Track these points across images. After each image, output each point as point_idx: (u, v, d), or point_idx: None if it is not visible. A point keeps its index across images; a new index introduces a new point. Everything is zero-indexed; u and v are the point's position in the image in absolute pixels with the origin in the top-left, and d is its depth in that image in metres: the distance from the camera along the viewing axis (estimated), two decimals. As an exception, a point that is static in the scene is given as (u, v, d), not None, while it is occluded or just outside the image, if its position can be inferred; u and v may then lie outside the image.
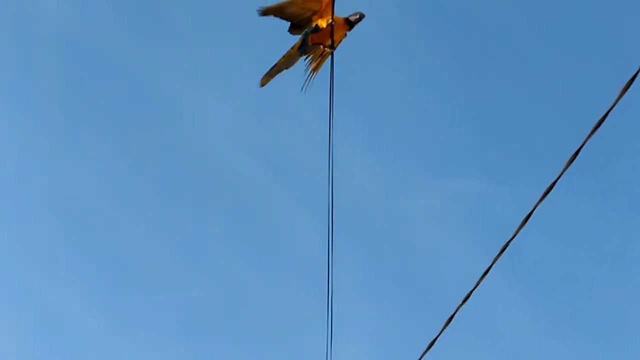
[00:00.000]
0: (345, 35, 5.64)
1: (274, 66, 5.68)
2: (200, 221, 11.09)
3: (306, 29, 5.67)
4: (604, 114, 3.43)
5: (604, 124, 3.41)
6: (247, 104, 9.89)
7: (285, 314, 10.77)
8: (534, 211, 3.61)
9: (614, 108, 3.36)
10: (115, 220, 11.20)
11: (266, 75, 5.73)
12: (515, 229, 3.77)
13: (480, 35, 11.14)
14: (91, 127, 11.24)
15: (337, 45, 5.62)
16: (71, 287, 11.01)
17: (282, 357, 10.64)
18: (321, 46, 5.65)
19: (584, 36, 11.30)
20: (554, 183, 3.48)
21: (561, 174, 3.42)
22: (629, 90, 3.35)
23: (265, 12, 5.64)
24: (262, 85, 5.74)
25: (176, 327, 10.96)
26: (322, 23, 5.61)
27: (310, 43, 5.67)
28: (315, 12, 5.62)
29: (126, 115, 11.18)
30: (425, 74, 10.88)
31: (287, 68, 5.73)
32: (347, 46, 5.74)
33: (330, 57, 5.55)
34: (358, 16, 5.61)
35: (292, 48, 5.67)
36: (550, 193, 3.66)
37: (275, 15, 5.67)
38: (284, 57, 5.69)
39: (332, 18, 5.53)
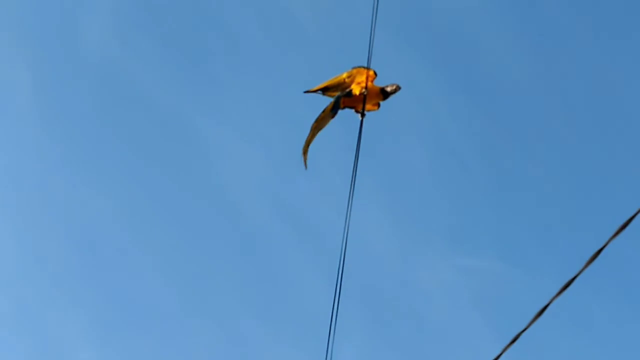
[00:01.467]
0: (379, 105, 5.71)
1: (309, 135, 5.77)
2: (211, 266, 11.07)
3: (340, 93, 5.74)
4: (630, 216, 3.42)
5: (628, 227, 3.40)
6: (275, 155, 9.90)
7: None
8: (547, 306, 3.57)
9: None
10: (127, 255, 11.21)
11: (304, 149, 5.83)
12: (528, 316, 3.73)
13: (515, 117, 11.17)
14: (117, 160, 11.31)
15: (370, 110, 5.68)
16: (73, 315, 11.01)
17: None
18: (355, 108, 5.73)
19: (622, 137, 11.30)
20: (572, 280, 3.45)
21: (580, 272, 3.40)
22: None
23: (312, 90, 5.86)
24: (305, 163, 5.87)
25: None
26: (356, 90, 5.68)
27: (342, 106, 5.73)
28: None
29: (156, 153, 11.25)
30: (455, 149, 10.90)
31: (320, 130, 5.80)
32: (380, 112, 5.79)
33: (360, 119, 5.62)
34: (395, 87, 5.67)
35: (323, 112, 5.73)
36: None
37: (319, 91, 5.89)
38: (316, 121, 5.75)
39: (366, 87, 5.60)
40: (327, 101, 5.88)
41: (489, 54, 11.09)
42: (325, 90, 5.88)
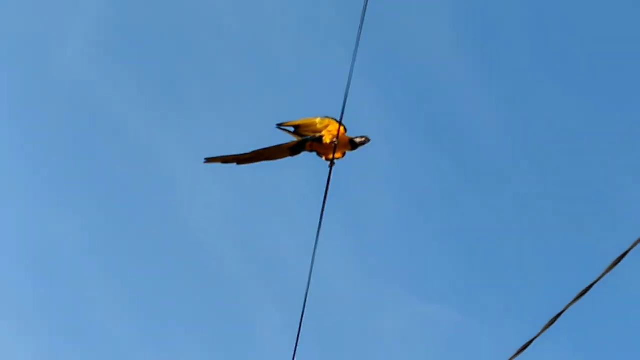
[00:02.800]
0: (345, 154, 5.70)
1: (242, 155, 5.71)
2: (170, 299, 10.99)
3: (309, 136, 5.74)
4: (590, 283, 3.45)
5: (587, 294, 3.42)
6: (242, 192, 9.88)
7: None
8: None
9: (599, 281, 3.38)
10: (86, 281, 11.11)
11: (225, 157, 5.75)
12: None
13: (486, 173, 11.24)
14: (80, 186, 11.24)
15: (337, 159, 5.66)
16: (24, 338, 10.89)
17: None
18: (322, 155, 5.71)
19: (586, 202, 11.39)
20: (529, 343, 3.46)
21: (537, 336, 3.41)
22: (617, 266, 3.37)
23: (283, 125, 5.81)
24: (207, 162, 5.78)
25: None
26: (327, 138, 5.67)
27: (307, 149, 5.73)
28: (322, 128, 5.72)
29: (121, 180, 11.18)
30: (421, 201, 10.94)
31: (267, 160, 5.76)
32: (351, 159, 5.80)
33: (330, 167, 5.59)
34: (364, 140, 5.67)
35: (279, 145, 5.71)
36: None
37: (289, 130, 5.83)
38: (266, 149, 5.71)
39: (337, 137, 5.60)
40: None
41: (464, 111, 11.17)
42: (296, 128, 5.85)
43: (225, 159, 5.76)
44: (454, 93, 11.17)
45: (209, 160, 5.79)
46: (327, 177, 5.53)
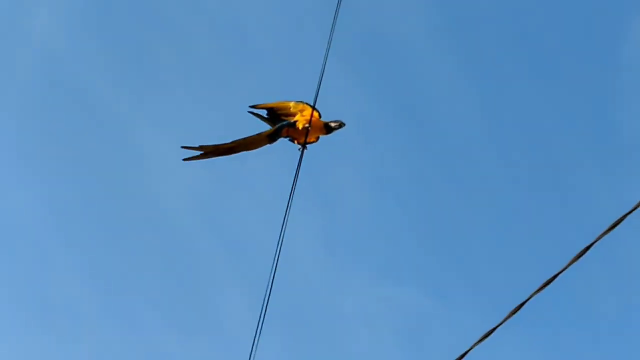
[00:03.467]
0: (318, 138, 5.73)
1: (221, 145, 5.70)
2: (136, 275, 10.98)
3: (283, 122, 5.75)
4: (554, 274, 3.51)
5: (552, 284, 3.48)
6: (212, 169, 9.89)
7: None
8: (469, 351, 3.63)
9: (564, 271, 3.43)
10: (49, 255, 11.07)
11: (205, 149, 5.74)
12: (447, 358, 3.79)
13: (458, 160, 11.31)
14: (49, 158, 11.18)
15: (310, 144, 5.68)
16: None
17: None
18: (295, 140, 5.72)
19: (558, 189, 11.49)
20: (492, 330, 3.52)
21: (500, 323, 3.46)
22: (582, 257, 3.43)
23: (255, 108, 5.80)
24: (186, 160, 5.76)
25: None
26: (300, 123, 5.69)
27: (283, 135, 5.74)
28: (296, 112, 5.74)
29: (90, 154, 11.13)
30: (393, 185, 10.99)
31: (246, 150, 5.77)
32: (325, 142, 5.82)
33: (300, 152, 5.60)
34: (338, 124, 5.71)
35: (257, 134, 5.72)
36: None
37: (262, 116, 5.82)
38: (245, 139, 5.72)
39: (310, 123, 5.62)
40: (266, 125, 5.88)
41: (441, 98, 11.22)
42: (269, 111, 5.85)
43: (205, 153, 5.73)
44: (429, 79, 11.21)
45: (188, 158, 5.76)
46: (296, 155, 5.57)
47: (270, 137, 5.74)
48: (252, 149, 5.76)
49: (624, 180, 11.20)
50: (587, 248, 3.54)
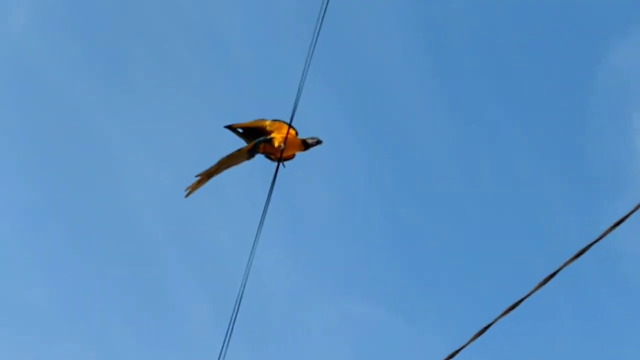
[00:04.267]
0: (295, 155, 5.81)
1: (213, 167, 5.80)
2: (99, 282, 10.94)
3: (260, 138, 5.83)
4: (520, 298, 3.56)
5: (517, 309, 3.52)
6: (185, 180, 9.88)
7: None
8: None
9: (529, 297, 3.48)
10: (10, 252, 11.01)
11: (202, 178, 5.84)
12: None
13: (429, 182, 11.39)
14: (18, 159, 11.13)
15: (287, 159, 5.78)
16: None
17: None
18: (272, 156, 5.80)
19: (529, 214, 11.58)
20: (456, 352, 3.56)
21: (464, 346, 3.51)
22: (547, 283, 3.48)
23: (232, 127, 5.89)
24: (191, 192, 5.86)
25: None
26: (277, 140, 5.76)
27: (260, 151, 5.82)
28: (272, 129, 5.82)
29: (61, 156, 11.10)
30: (361, 203, 11.04)
31: (228, 167, 5.85)
32: (299, 158, 5.89)
33: (276, 168, 5.67)
34: (316, 141, 5.80)
35: (238, 150, 5.81)
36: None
37: (236, 132, 5.92)
38: (227, 157, 5.80)
39: (286, 141, 5.70)
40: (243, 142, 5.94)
41: (414, 118, 11.30)
42: (245, 130, 5.92)
43: (201, 182, 5.86)
44: (404, 98, 11.29)
45: (188, 194, 5.88)
46: (272, 171, 5.62)
47: (249, 153, 5.83)
48: (235, 164, 5.85)
49: (592, 207, 11.32)
50: (553, 275, 3.59)
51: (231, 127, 5.93)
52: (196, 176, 5.88)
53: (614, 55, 11.42)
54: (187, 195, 5.91)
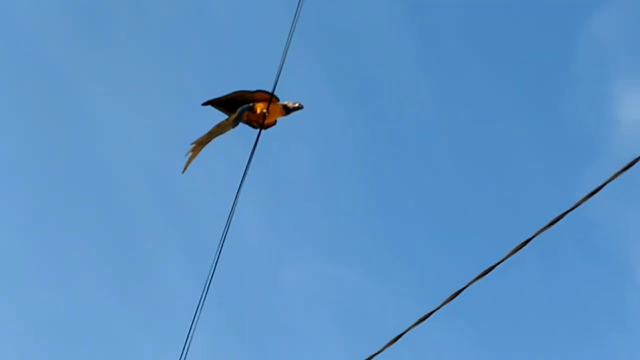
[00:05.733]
0: (276, 121, 5.86)
1: (204, 137, 5.84)
2: (75, 233, 10.95)
3: (244, 106, 5.87)
4: (493, 264, 3.62)
5: (490, 274, 3.59)
6: (166, 138, 9.91)
7: (128, 350, 10.67)
8: (403, 334, 3.74)
9: (502, 262, 3.55)
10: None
11: (194, 149, 5.88)
12: (383, 338, 3.89)
13: (410, 148, 11.45)
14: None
15: (269, 126, 5.83)
16: None
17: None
18: (254, 123, 5.85)
19: (507, 177, 11.67)
20: (428, 315, 3.63)
21: (436, 309, 3.58)
22: (521, 250, 3.55)
23: (210, 102, 5.94)
24: (187, 166, 5.90)
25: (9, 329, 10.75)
26: (259, 107, 5.81)
27: (244, 119, 5.86)
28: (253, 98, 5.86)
29: (37, 107, 11.07)
30: (342, 166, 11.10)
31: (218, 136, 5.91)
32: (280, 122, 5.93)
33: (258, 133, 5.72)
34: (297, 105, 5.83)
35: (225, 120, 5.86)
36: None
37: (217, 106, 5.97)
38: (217, 126, 5.86)
39: (268, 108, 5.74)
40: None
41: (396, 87, 11.34)
42: (226, 102, 5.96)
43: (194, 153, 5.89)
44: (387, 67, 11.32)
45: (186, 168, 5.92)
46: (253, 135, 5.68)
47: (235, 122, 5.88)
48: (223, 133, 5.91)
49: (568, 174, 11.42)
50: (526, 242, 3.65)
51: (211, 102, 5.97)
52: (191, 144, 5.91)
53: (594, 23, 11.48)
54: (184, 171, 5.94)
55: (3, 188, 11.11)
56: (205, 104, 5.97)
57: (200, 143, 5.91)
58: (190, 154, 5.92)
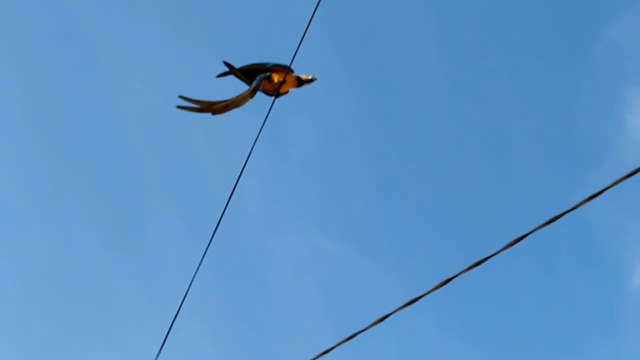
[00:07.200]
0: (288, 92, 5.93)
1: (215, 104, 5.83)
2: (76, 186, 10.98)
3: (261, 76, 5.92)
4: (486, 256, 3.65)
5: (482, 266, 3.61)
6: (176, 101, 9.94)
7: (119, 305, 10.72)
8: (390, 315, 3.77)
9: (495, 256, 3.57)
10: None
11: (203, 106, 5.85)
12: (370, 317, 3.92)
13: (412, 123, 11.45)
14: (5, 57, 11.08)
15: (281, 94, 5.89)
16: None
17: (99, 343, 10.59)
18: (269, 92, 5.90)
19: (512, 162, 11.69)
20: (417, 299, 3.65)
21: (425, 294, 3.60)
22: (515, 246, 3.57)
23: (227, 73, 5.95)
24: (180, 107, 5.84)
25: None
26: (276, 77, 5.87)
27: (260, 88, 5.92)
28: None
29: (50, 60, 11.07)
30: (346, 143, 11.11)
31: (236, 107, 5.93)
32: (290, 94, 5.98)
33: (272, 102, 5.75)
34: (310, 78, 5.92)
35: (244, 92, 5.88)
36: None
37: (236, 74, 5.98)
38: (232, 99, 5.87)
39: (285, 79, 5.81)
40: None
41: (410, 74, 11.34)
42: (245, 72, 5.99)
43: (200, 107, 5.83)
44: (400, 42, 11.31)
45: (181, 106, 5.83)
46: (262, 104, 5.70)
47: (253, 92, 5.92)
48: (240, 106, 5.91)
49: (570, 175, 11.43)
50: (521, 238, 3.67)
51: (228, 72, 5.98)
52: (197, 101, 5.88)
53: (613, 28, 11.46)
54: (179, 106, 5.88)
55: (5, 133, 11.14)
56: (221, 75, 5.99)
57: (210, 104, 5.89)
58: (197, 105, 5.88)
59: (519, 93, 11.65)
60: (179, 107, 5.80)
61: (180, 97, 5.77)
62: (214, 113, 5.86)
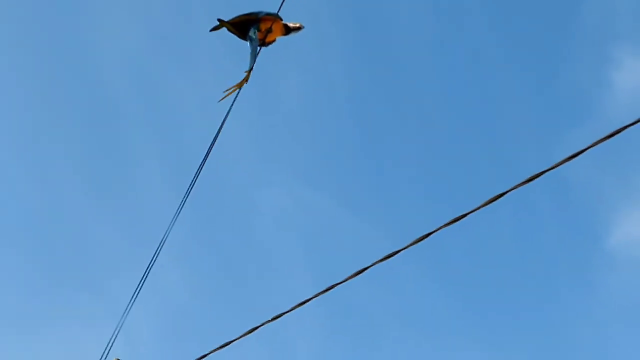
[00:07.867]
0: (275, 40, 5.95)
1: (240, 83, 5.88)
2: (59, 130, 10.94)
3: (252, 28, 5.94)
4: (464, 213, 3.66)
5: (458, 222, 3.63)
6: (164, 50, 9.87)
7: (100, 249, 10.75)
8: (369, 267, 3.80)
9: (473, 213, 3.58)
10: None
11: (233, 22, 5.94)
12: (348, 269, 3.94)
13: (400, 79, 11.44)
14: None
15: (269, 43, 5.91)
16: None
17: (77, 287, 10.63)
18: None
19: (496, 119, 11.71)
20: (395, 253, 3.68)
21: (402, 249, 3.62)
22: (493, 203, 3.58)
23: (220, 27, 5.95)
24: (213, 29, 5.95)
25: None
26: (263, 26, 5.90)
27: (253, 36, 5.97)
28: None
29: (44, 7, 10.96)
30: (333, 95, 11.11)
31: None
32: (278, 44, 5.98)
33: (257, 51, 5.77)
34: (297, 26, 5.94)
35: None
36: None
37: (228, 28, 5.99)
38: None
39: (271, 27, 5.83)
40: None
41: (399, 26, 11.30)
42: (237, 24, 6.01)
43: (232, 25, 5.90)
44: (391, 4, 11.28)
45: (215, 27, 5.93)
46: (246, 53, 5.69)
47: (253, 47, 5.97)
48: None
49: (553, 132, 11.47)
50: (501, 195, 3.68)
51: (221, 26, 6.00)
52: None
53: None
54: (221, 100, 5.92)
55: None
56: (213, 29, 6.03)
57: (240, 84, 5.92)
58: (231, 89, 5.92)
59: (506, 50, 11.65)
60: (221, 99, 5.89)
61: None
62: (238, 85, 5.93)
